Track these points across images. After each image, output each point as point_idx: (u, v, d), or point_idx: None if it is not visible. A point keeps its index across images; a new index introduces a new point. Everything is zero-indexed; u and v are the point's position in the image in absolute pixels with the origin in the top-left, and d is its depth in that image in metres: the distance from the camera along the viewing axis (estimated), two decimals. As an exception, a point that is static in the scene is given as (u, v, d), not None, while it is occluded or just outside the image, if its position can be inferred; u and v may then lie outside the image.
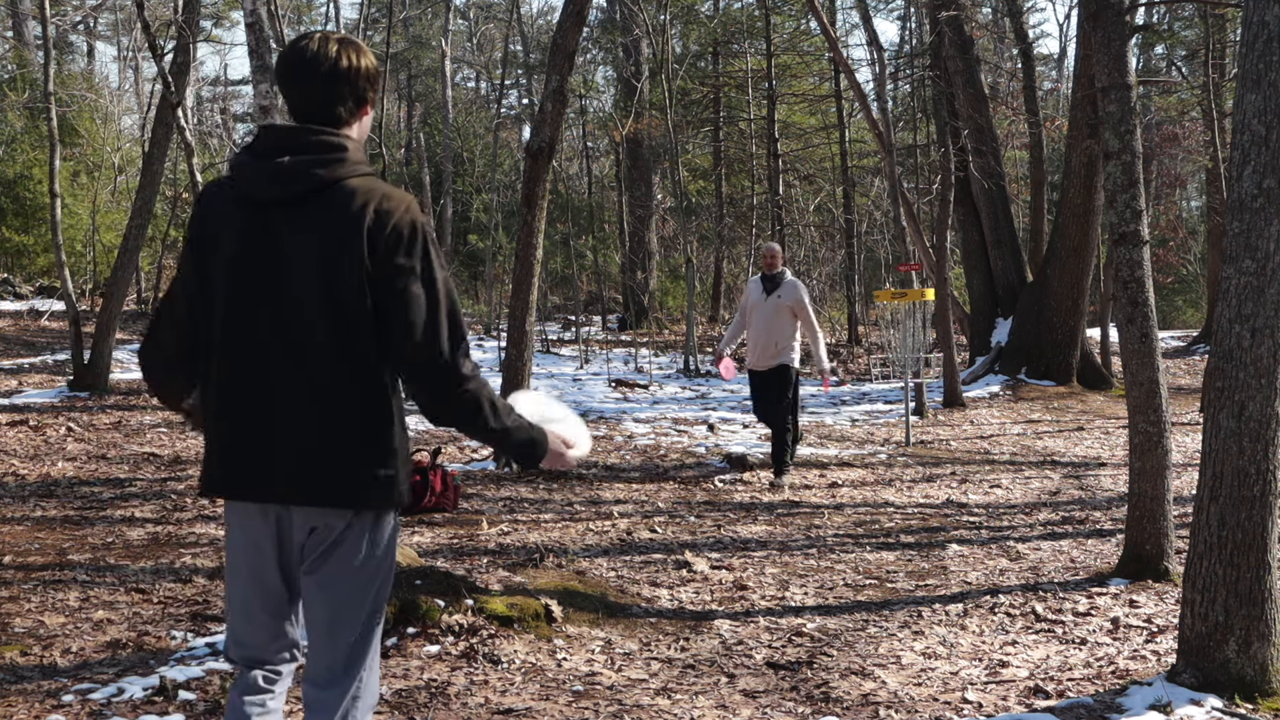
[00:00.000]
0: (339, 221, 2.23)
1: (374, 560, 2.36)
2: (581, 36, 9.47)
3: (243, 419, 2.29)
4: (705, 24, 23.94)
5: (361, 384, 2.27)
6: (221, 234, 2.30)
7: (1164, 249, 28.87)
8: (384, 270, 2.23)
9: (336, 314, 2.23)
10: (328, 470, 2.26)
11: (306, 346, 2.24)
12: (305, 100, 2.31)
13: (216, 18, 31.06)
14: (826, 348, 8.60)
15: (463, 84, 36.96)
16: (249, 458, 2.29)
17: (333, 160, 2.26)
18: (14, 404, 10.16)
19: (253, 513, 2.34)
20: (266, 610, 2.39)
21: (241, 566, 2.38)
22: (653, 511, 7.20)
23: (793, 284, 8.35)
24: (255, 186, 2.28)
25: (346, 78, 2.31)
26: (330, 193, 2.25)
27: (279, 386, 2.26)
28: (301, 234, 2.24)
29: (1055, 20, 67.67)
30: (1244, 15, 3.80)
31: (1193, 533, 3.93)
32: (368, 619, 2.38)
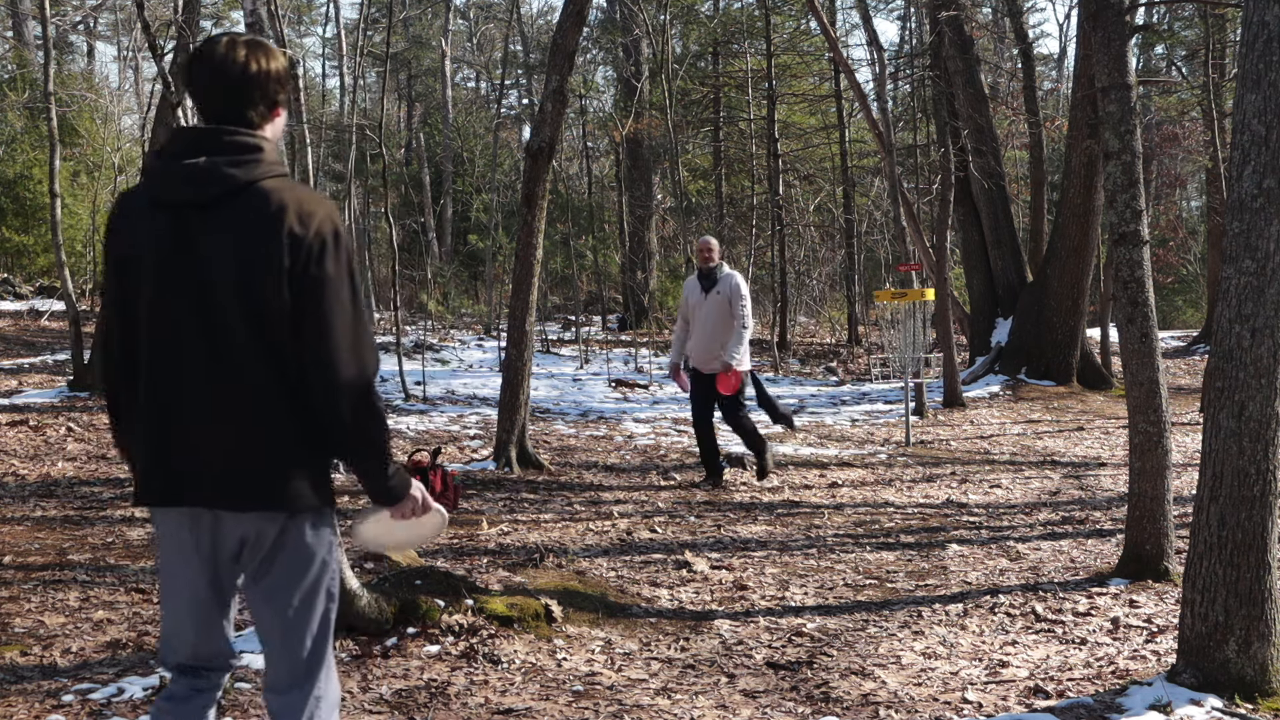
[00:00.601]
0: (256, 224, 2.21)
1: (317, 561, 2.35)
2: (581, 36, 9.47)
3: (167, 426, 2.27)
4: (705, 24, 23.93)
5: (283, 386, 2.25)
6: (137, 242, 2.28)
7: (1164, 249, 28.86)
8: (301, 275, 2.21)
9: (255, 317, 2.21)
10: (255, 475, 2.25)
11: (226, 350, 2.23)
12: (216, 104, 2.30)
13: (216, 18, 31.05)
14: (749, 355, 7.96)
15: (463, 84, 36.97)
16: (175, 465, 2.27)
17: (248, 161, 2.24)
18: (14, 404, 10.16)
19: (182, 520, 2.32)
20: (197, 617, 2.37)
21: (173, 573, 2.37)
22: (653, 511, 7.20)
23: (729, 276, 7.86)
24: (168, 189, 2.26)
25: (257, 82, 2.30)
26: (246, 195, 2.23)
27: (201, 392, 2.24)
28: (217, 236, 2.22)
29: (1055, 20, 67.71)
30: (1244, 15, 3.80)
31: (1193, 533, 3.93)
32: (321, 620, 2.38)
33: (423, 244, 25.84)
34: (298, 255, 2.21)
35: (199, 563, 2.34)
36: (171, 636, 2.41)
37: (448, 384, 13.76)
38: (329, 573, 2.39)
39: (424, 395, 12.57)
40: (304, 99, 16.48)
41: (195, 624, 2.38)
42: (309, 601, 2.36)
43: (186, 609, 2.38)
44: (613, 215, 26.19)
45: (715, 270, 7.90)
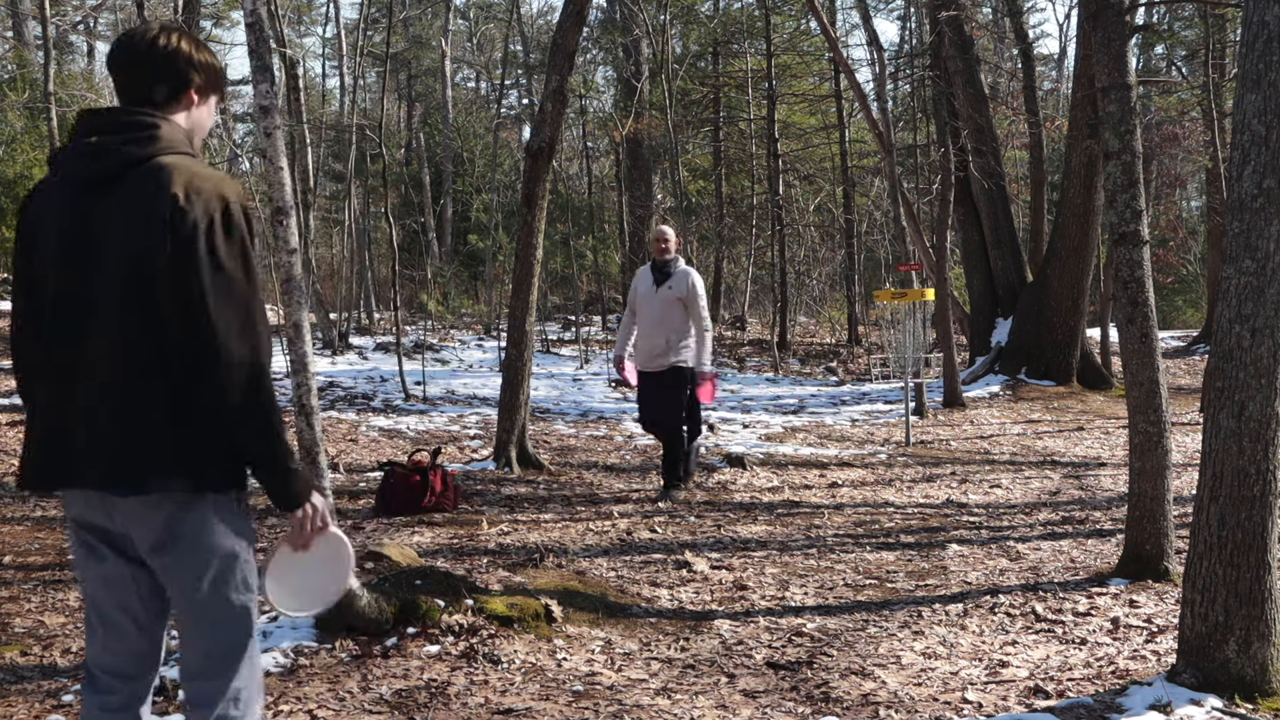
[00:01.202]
0: (143, 199, 2.17)
1: (221, 549, 2.26)
2: (581, 36, 9.47)
3: (57, 408, 2.24)
4: (705, 24, 23.93)
5: (166, 368, 2.19)
6: (39, 224, 2.27)
7: (1164, 249, 28.85)
8: (186, 252, 2.15)
9: (143, 296, 2.17)
10: (143, 458, 2.19)
11: (115, 331, 2.19)
12: (123, 82, 2.28)
13: (216, 18, 31.05)
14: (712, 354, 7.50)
15: (463, 84, 36.96)
16: (65, 449, 2.23)
17: (143, 138, 2.21)
18: (14, 404, 10.16)
19: (79, 503, 2.28)
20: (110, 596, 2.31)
21: (81, 556, 2.32)
22: (653, 511, 7.20)
23: (685, 273, 7.38)
24: (66, 169, 2.25)
25: (161, 56, 2.28)
26: (138, 171, 2.20)
27: (91, 374, 2.21)
28: (107, 213, 2.20)
29: (1055, 20, 67.69)
30: (1244, 15, 3.80)
31: (1193, 533, 3.93)
32: (236, 611, 2.30)
33: (423, 244, 25.83)
34: (182, 231, 2.15)
35: (105, 548, 2.28)
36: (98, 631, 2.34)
37: (448, 384, 13.76)
38: (240, 562, 2.29)
39: (424, 395, 12.57)
40: (304, 99, 16.48)
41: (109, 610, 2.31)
42: (219, 590, 2.27)
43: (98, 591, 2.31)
44: (613, 215, 26.19)
45: (671, 263, 7.44)
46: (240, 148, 30.83)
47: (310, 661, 4.08)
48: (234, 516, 2.29)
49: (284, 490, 2.27)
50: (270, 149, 4.65)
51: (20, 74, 21.48)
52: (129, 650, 2.33)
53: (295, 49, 19.87)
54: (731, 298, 25.87)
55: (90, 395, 2.20)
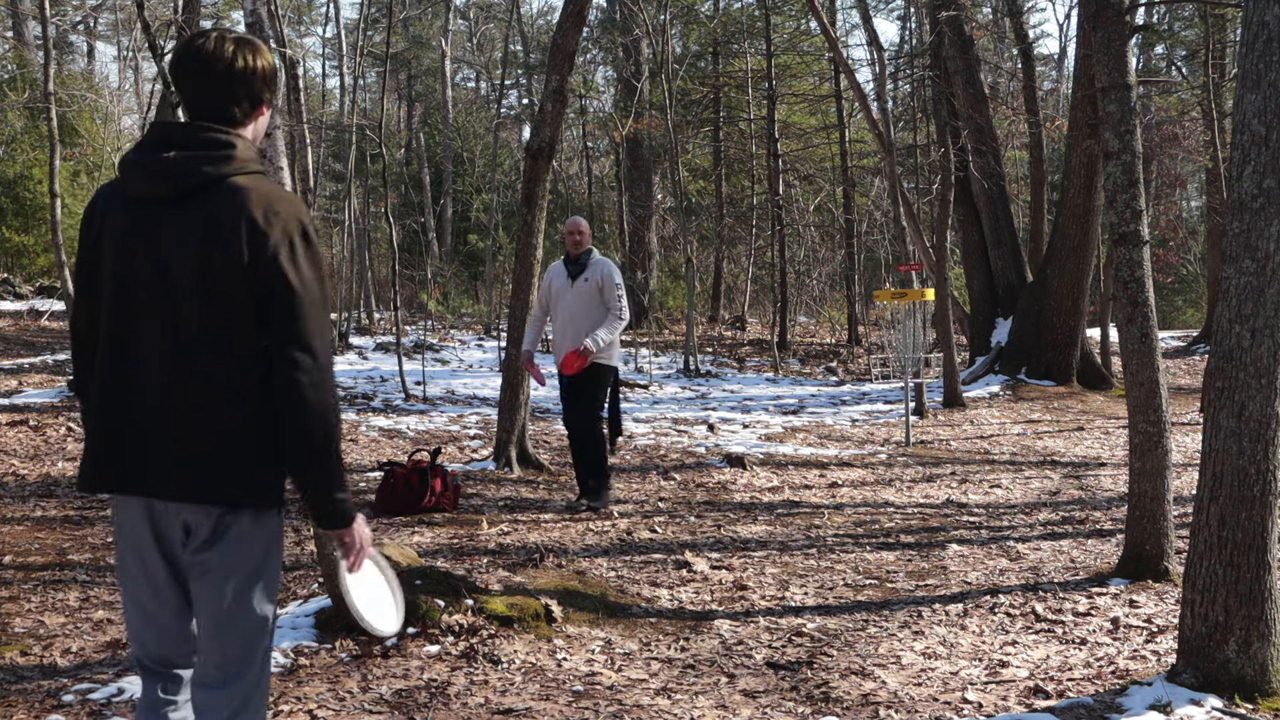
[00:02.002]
0: (221, 218, 2.21)
1: (253, 560, 2.32)
2: (581, 36, 9.47)
3: (119, 414, 2.28)
4: (705, 24, 23.94)
5: (237, 382, 2.23)
6: (106, 234, 2.29)
7: (1164, 249, 28.87)
8: (266, 272, 2.20)
9: (213, 311, 2.21)
10: (199, 466, 2.23)
11: (183, 343, 2.23)
12: (199, 98, 2.30)
13: (216, 18, 31.06)
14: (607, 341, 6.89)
15: (463, 84, 36.96)
16: (125, 453, 2.27)
17: (220, 157, 2.24)
18: (14, 404, 10.16)
19: (133, 508, 2.32)
20: (161, 608, 2.37)
21: (131, 564, 2.37)
22: (653, 511, 7.20)
23: (601, 264, 7.00)
24: (140, 183, 2.27)
25: (243, 78, 2.31)
26: (215, 190, 2.23)
27: (155, 382, 2.24)
28: (182, 230, 2.22)
29: (1055, 20, 67.71)
30: (1244, 15, 3.80)
31: (1193, 533, 3.93)
32: (256, 620, 2.35)
33: (423, 244, 25.85)
34: (263, 251, 2.20)
35: (154, 555, 2.33)
36: (139, 630, 2.41)
37: (448, 384, 13.76)
38: (267, 574, 2.36)
39: (424, 395, 12.57)
40: (304, 99, 16.48)
41: (154, 620, 2.38)
42: (243, 598, 2.32)
43: (146, 604, 2.37)
44: (613, 215, 26.19)
45: (585, 255, 7.04)
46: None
47: (310, 661, 4.08)
48: (271, 528, 2.36)
49: (332, 509, 2.32)
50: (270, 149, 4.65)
51: (20, 74, 21.47)
52: (174, 642, 2.40)
53: (295, 49, 19.87)
54: (731, 298, 25.87)
55: (151, 403, 2.25)
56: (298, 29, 33.01)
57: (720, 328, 23.33)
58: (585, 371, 6.86)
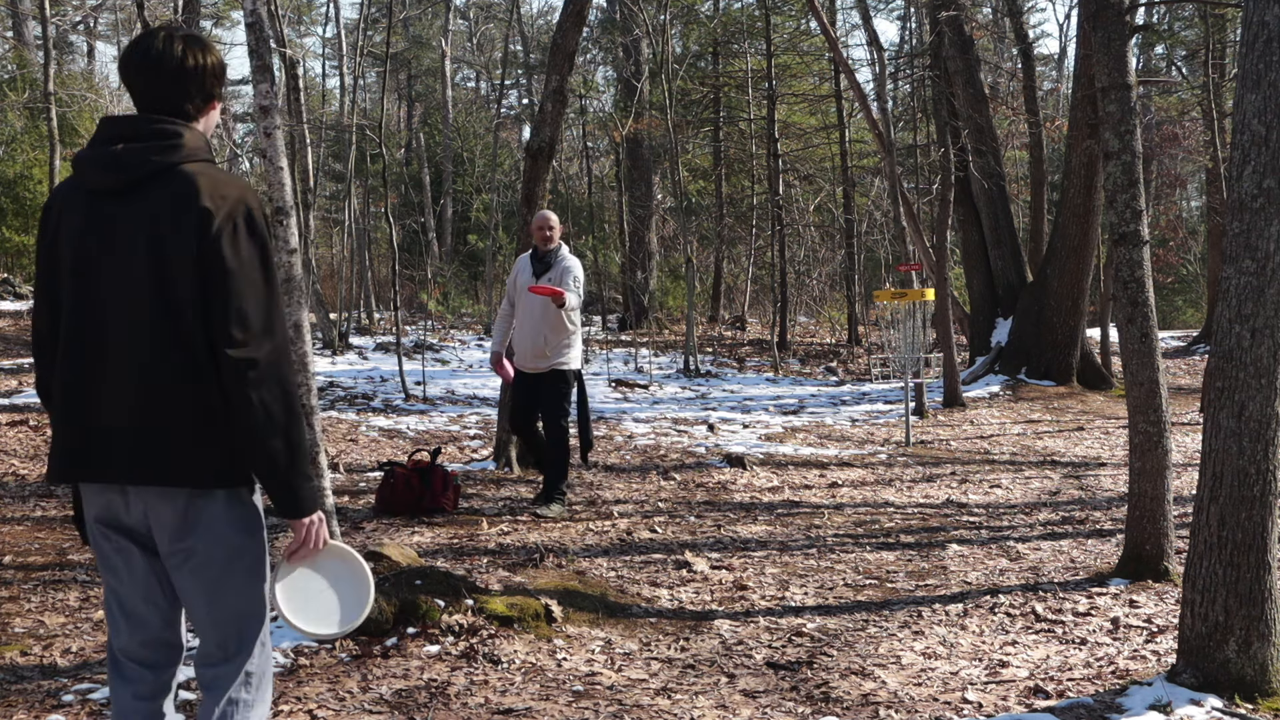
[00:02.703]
0: (169, 205, 2.25)
1: (232, 540, 2.34)
2: (581, 36, 9.47)
3: (80, 404, 2.31)
4: (705, 24, 23.93)
5: (191, 367, 2.26)
6: (63, 230, 2.33)
7: (1164, 249, 28.87)
8: (212, 255, 2.23)
9: (165, 298, 2.24)
10: (163, 451, 2.26)
11: (137, 330, 2.25)
12: (150, 94, 2.35)
13: (216, 18, 31.05)
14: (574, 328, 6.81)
15: (463, 84, 36.96)
16: (90, 444, 2.30)
17: (168, 146, 2.29)
18: (14, 404, 10.16)
19: (104, 502, 2.34)
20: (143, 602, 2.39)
21: (105, 548, 2.38)
22: (653, 511, 7.20)
23: (565, 260, 6.78)
24: (92, 177, 2.31)
25: (194, 74, 2.36)
26: (163, 178, 2.27)
27: (112, 370, 2.27)
28: (136, 220, 2.26)
29: (1055, 20, 67.71)
30: (1244, 15, 3.80)
31: (1193, 533, 3.93)
32: (246, 600, 2.37)
33: (423, 244, 25.84)
34: (207, 235, 2.22)
35: (128, 539, 2.35)
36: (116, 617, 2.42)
37: (448, 384, 13.76)
38: (251, 553, 2.37)
39: (424, 395, 12.57)
40: (304, 99, 16.47)
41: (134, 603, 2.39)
42: (232, 578, 2.35)
43: (121, 583, 2.39)
44: (613, 215, 26.19)
45: (553, 253, 6.83)
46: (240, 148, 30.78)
47: (310, 661, 4.08)
48: (246, 507, 2.37)
49: (291, 495, 2.32)
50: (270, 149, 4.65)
51: (20, 74, 21.47)
52: (155, 640, 2.42)
53: (295, 49, 19.87)
54: (731, 298, 25.87)
55: (113, 392, 2.27)
56: (298, 29, 33.00)
57: (720, 328, 23.33)
58: (547, 377, 6.76)
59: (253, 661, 2.40)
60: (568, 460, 6.98)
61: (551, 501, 6.86)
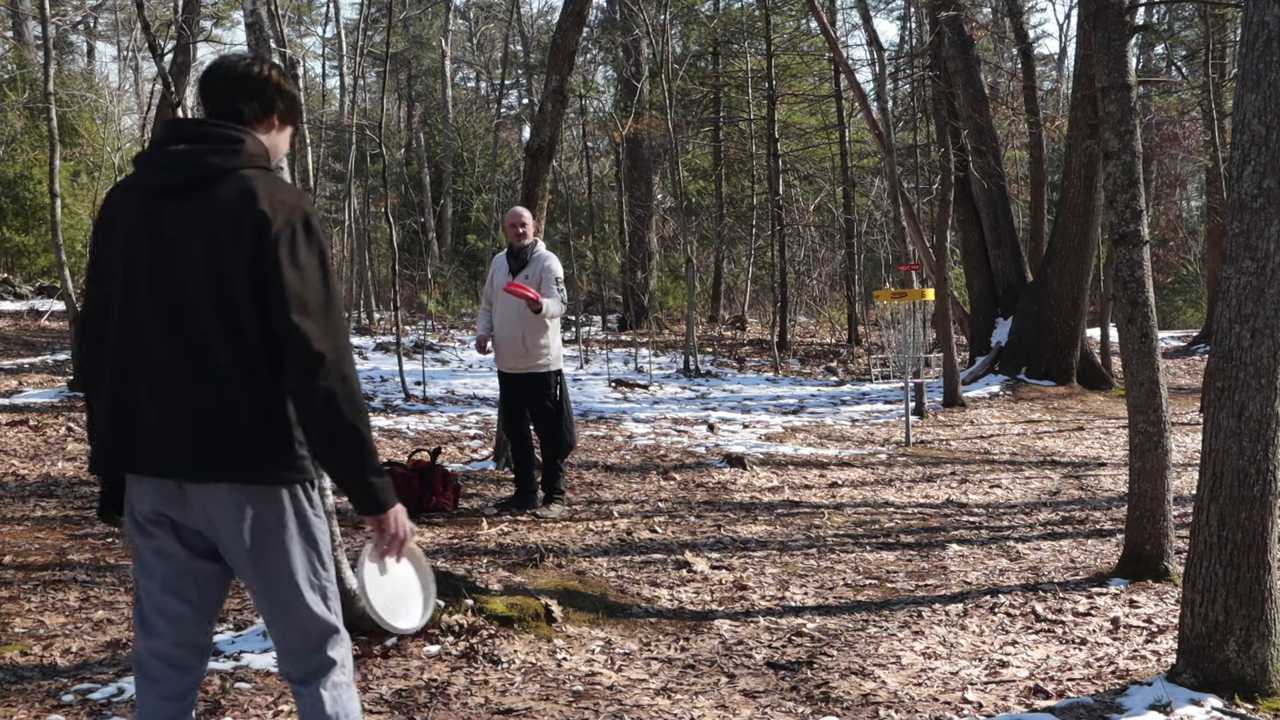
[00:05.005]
0: (227, 208, 2.28)
1: (295, 531, 2.36)
2: (581, 36, 9.47)
3: (136, 398, 2.32)
4: (705, 24, 23.93)
5: (248, 364, 2.29)
6: (119, 227, 2.37)
7: (1164, 249, 28.86)
8: (272, 260, 2.26)
9: (222, 298, 2.27)
10: (219, 449, 2.29)
11: (201, 330, 2.28)
12: (210, 100, 2.42)
13: (216, 18, 31.04)
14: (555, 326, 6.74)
15: (463, 84, 36.97)
16: (143, 436, 2.31)
17: (228, 150, 2.33)
18: (14, 404, 10.16)
19: (150, 498, 2.35)
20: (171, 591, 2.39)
21: (144, 546, 2.39)
22: (653, 511, 7.20)
23: (542, 258, 6.66)
24: (150, 174, 2.35)
25: (252, 80, 2.43)
26: (222, 181, 2.31)
27: (169, 366, 2.30)
28: (189, 219, 2.30)
29: (1055, 20, 67.67)
30: (1244, 15, 3.80)
31: (1193, 533, 3.93)
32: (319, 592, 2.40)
33: (423, 244, 25.85)
34: (266, 240, 2.26)
35: (170, 539, 2.37)
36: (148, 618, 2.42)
37: (448, 384, 13.76)
38: (318, 546, 2.41)
39: (424, 395, 12.57)
40: (304, 99, 16.47)
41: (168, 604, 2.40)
42: (302, 574, 2.38)
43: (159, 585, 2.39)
44: (613, 215, 26.19)
45: (528, 249, 6.71)
46: (240, 148, 30.67)
47: (310, 661, 4.07)
48: (310, 504, 2.40)
49: (366, 492, 2.35)
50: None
51: (20, 74, 21.47)
52: (186, 642, 2.43)
53: (295, 49, 19.88)
54: (731, 298, 25.87)
55: (174, 389, 2.30)
56: (298, 29, 33.01)
57: (720, 328, 23.32)
58: (529, 379, 6.71)
59: (336, 649, 2.44)
60: (563, 460, 6.94)
61: (551, 502, 6.85)
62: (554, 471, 6.88)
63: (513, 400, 6.91)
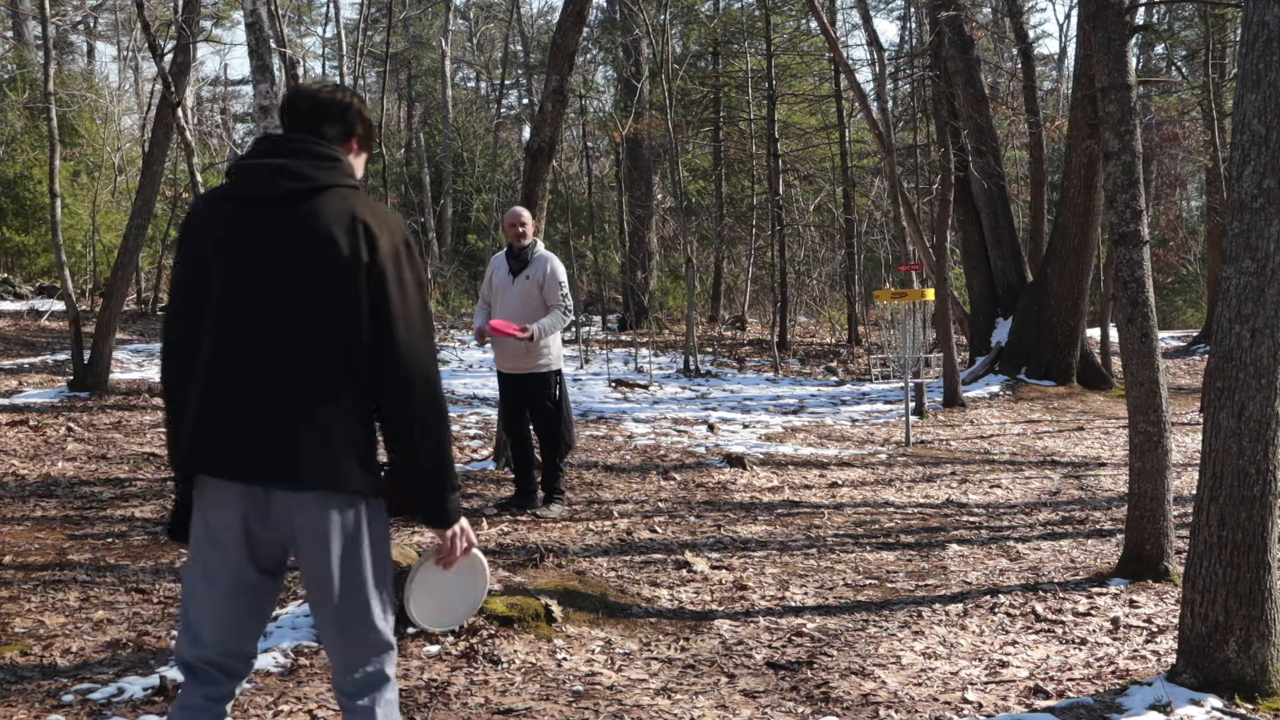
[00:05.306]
0: (333, 223, 2.33)
1: (370, 543, 2.42)
2: (581, 36, 9.47)
3: (231, 403, 2.34)
4: (705, 24, 23.93)
5: (344, 377, 2.34)
6: (213, 236, 2.40)
7: (1164, 249, 28.87)
8: (377, 277, 2.33)
9: (323, 308, 2.32)
10: (313, 455, 2.32)
11: (295, 340, 2.32)
12: (297, 122, 2.48)
13: (216, 18, 31.06)
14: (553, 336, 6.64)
15: (463, 84, 36.97)
16: (234, 439, 2.33)
17: (327, 166, 2.40)
18: (14, 404, 10.16)
19: (227, 499, 2.36)
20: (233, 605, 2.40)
21: (211, 554, 2.39)
22: (653, 511, 7.20)
23: (544, 259, 6.62)
24: (249, 185, 2.39)
25: (335, 105, 2.51)
26: (323, 195, 2.37)
27: (267, 374, 2.33)
28: (293, 230, 2.34)
29: (1055, 20, 67.66)
30: (1244, 15, 3.80)
31: (1193, 533, 3.93)
32: (383, 601, 2.47)
33: (423, 244, 25.84)
34: (374, 257, 2.34)
35: (240, 547, 2.37)
36: (198, 626, 2.42)
37: (448, 384, 13.76)
38: (381, 561, 2.47)
39: (424, 395, 12.55)
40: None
41: (226, 614, 2.40)
42: (370, 587, 2.43)
43: (221, 595, 2.39)
44: (613, 215, 26.19)
45: (528, 249, 6.66)
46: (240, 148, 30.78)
47: (310, 661, 4.08)
48: (383, 519, 2.48)
49: (441, 507, 2.45)
50: (270, 149, 4.63)
51: (20, 74, 21.47)
52: (237, 651, 2.45)
53: (295, 49, 19.88)
54: (731, 298, 25.87)
55: (272, 397, 2.33)
56: (298, 29, 33.01)
57: (720, 328, 23.32)
58: (529, 380, 6.66)
59: (391, 665, 2.50)
60: (563, 460, 6.93)
61: (551, 502, 6.85)
62: (554, 471, 6.87)
63: (512, 400, 6.90)
